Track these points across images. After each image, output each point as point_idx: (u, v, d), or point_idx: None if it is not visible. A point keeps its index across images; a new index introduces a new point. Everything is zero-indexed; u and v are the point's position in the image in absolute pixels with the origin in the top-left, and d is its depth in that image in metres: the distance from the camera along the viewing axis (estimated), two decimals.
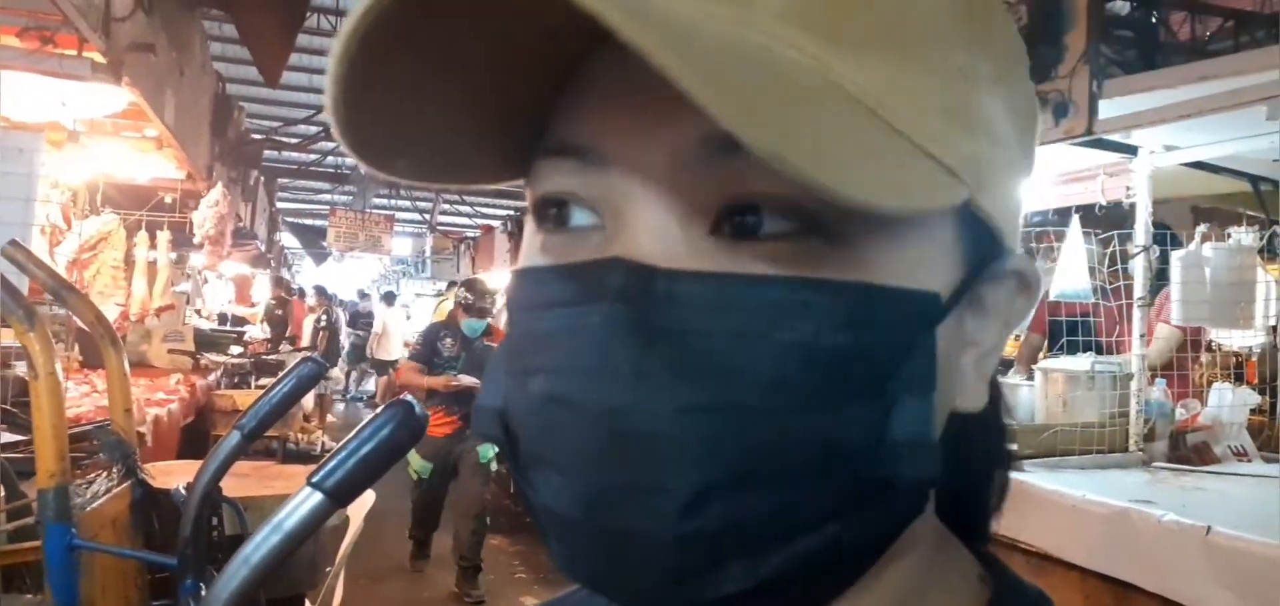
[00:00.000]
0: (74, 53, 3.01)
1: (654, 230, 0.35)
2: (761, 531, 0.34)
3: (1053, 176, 4.25)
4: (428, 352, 5.39)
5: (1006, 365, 5.27)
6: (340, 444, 0.66)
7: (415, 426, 0.65)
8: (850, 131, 0.33)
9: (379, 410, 0.67)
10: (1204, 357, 4.33)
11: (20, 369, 3.10)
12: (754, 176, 0.34)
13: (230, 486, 1.80)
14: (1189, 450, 3.62)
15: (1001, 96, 0.39)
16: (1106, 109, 3.21)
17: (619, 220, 0.36)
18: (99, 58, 3.01)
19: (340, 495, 0.66)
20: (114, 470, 1.88)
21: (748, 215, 0.35)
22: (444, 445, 5.24)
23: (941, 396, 0.37)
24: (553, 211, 0.39)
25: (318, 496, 0.67)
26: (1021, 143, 0.42)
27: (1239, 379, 4.24)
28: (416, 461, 5.28)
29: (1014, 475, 0.47)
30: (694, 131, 0.34)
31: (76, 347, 4.85)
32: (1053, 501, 3.14)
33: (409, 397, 0.68)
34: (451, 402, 5.23)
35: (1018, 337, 5.41)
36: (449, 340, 5.43)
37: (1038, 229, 4.41)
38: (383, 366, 13.99)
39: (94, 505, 1.68)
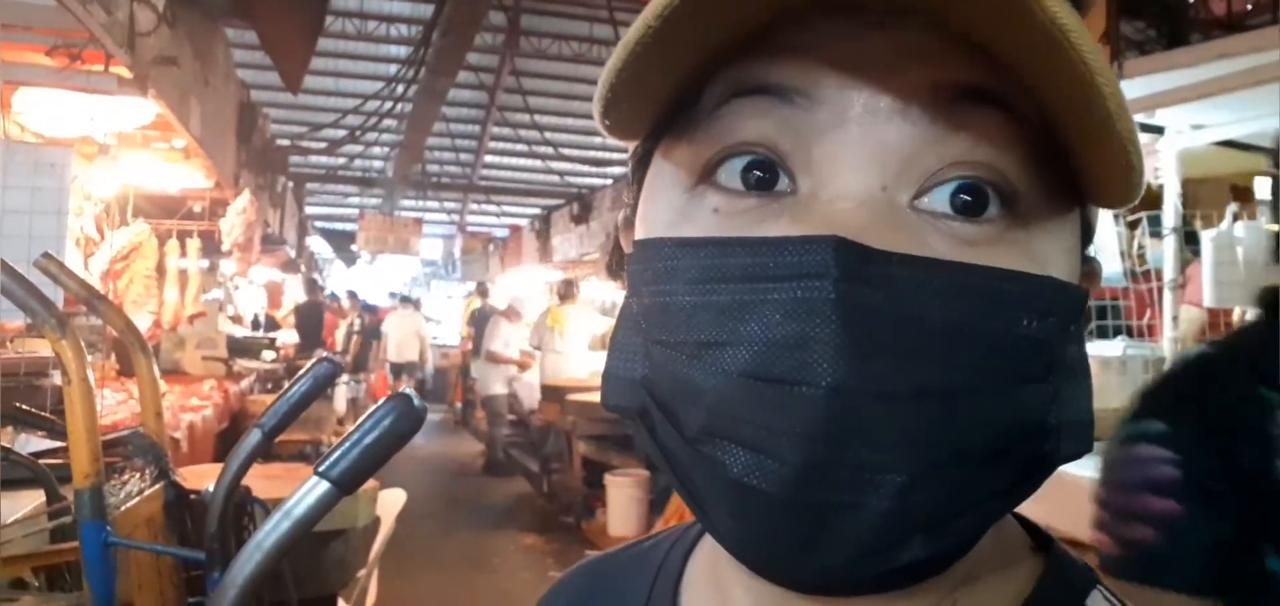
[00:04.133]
0: (101, 69, 3.08)
1: (857, 197, 0.36)
2: (949, 507, 0.36)
3: None
4: None
5: None
6: (344, 436, 0.69)
7: (415, 416, 0.67)
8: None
9: (380, 402, 0.69)
10: None
11: (55, 378, 3.17)
12: (983, 144, 0.35)
13: (264, 488, 1.84)
14: None
15: None
16: (1129, 89, 3.18)
17: (817, 178, 0.37)
18: (125, 72, 3.07)
19: (345, 483, 0.69)
20: (147, 472, 1.93)
21: (961, 191, 0.36)
22: None
23: None
24: (732, 168, 0.38)
25: (325, 484, 0.70)
26: None
27: None
28: None
29: None
30: (928, 79, 0.35)
31: (112, 356, 4.95)
32: (1085, 488, 3.11)
33: (408, 390, 0.71)
34: None
35: None
36: None
37: None
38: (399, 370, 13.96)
39: (128, 505, 1.73)
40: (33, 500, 2.17)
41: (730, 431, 0.36)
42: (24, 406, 2.41)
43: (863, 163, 0.36)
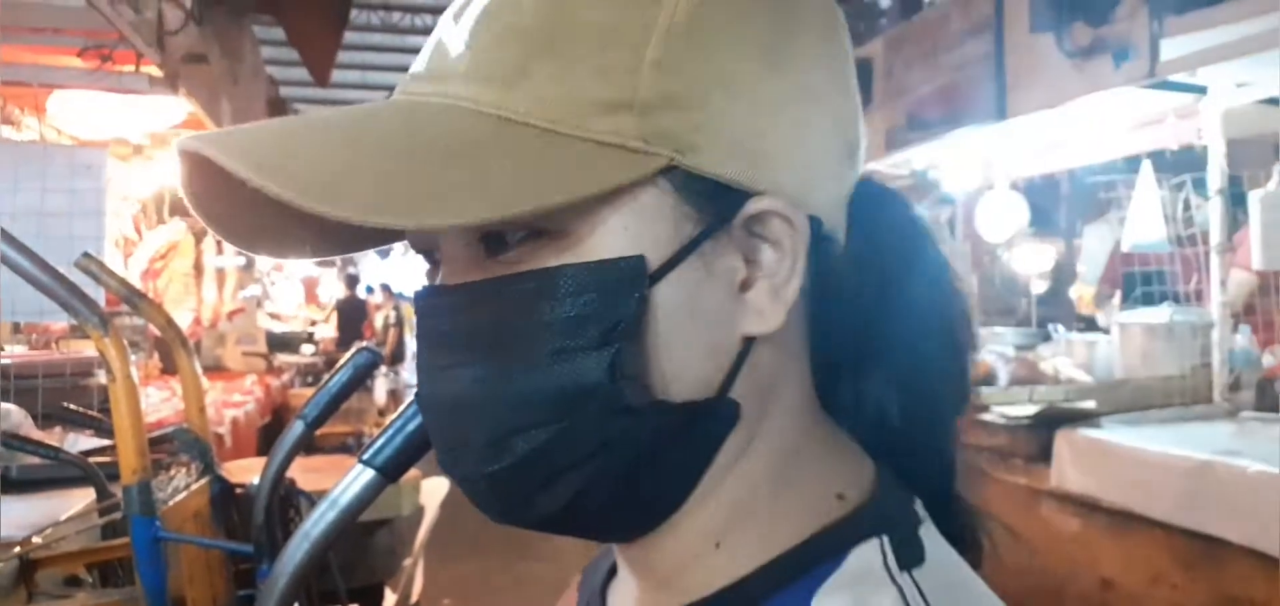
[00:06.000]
0: (132, 68, 3.10)
1: (452, 258, 0.48)
2: (549, 463, 0.45)
3: (1119, 123, 4.12)
4: None
5: (1088, 322, 5.14)
6: (387, 423, 0.68)
7: None
8: (508, 158, 0.43)
9: None
10: None
11: (100, 378, 3.22)
12: None
13: (307, 480, 1.85)
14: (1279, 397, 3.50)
15: (689, 70, 0.45)
16: (1169, 49, 3.11)
17: (443, 254, 0.49)
18: (155, 71, 3.10)
19: (390, 470, 0.68)
20: (193, 467, 1.94)
21: (495, 236, 0.46)
22: None
23: (714, 329, 0.46)
24: (427, 256, 0.52)
25: (370, 472, 0.69)
26: (760, 94, 0.46)
27: None
28: None
29: (1093, 432, 0.48)
30: None
31: (154, 355, 5.01)
32: (1133, 456, 3.07)
33: None
34: None
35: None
36: None
37: (1104, 180, 4.29)
38: None
39: (176, 500, 1.74)
40: (83, 498, 2.19)
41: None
42: (71, 406, 2.45)
43: (451, 242, 0.48)
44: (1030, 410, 3.63)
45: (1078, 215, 5.94)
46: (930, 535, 0.49)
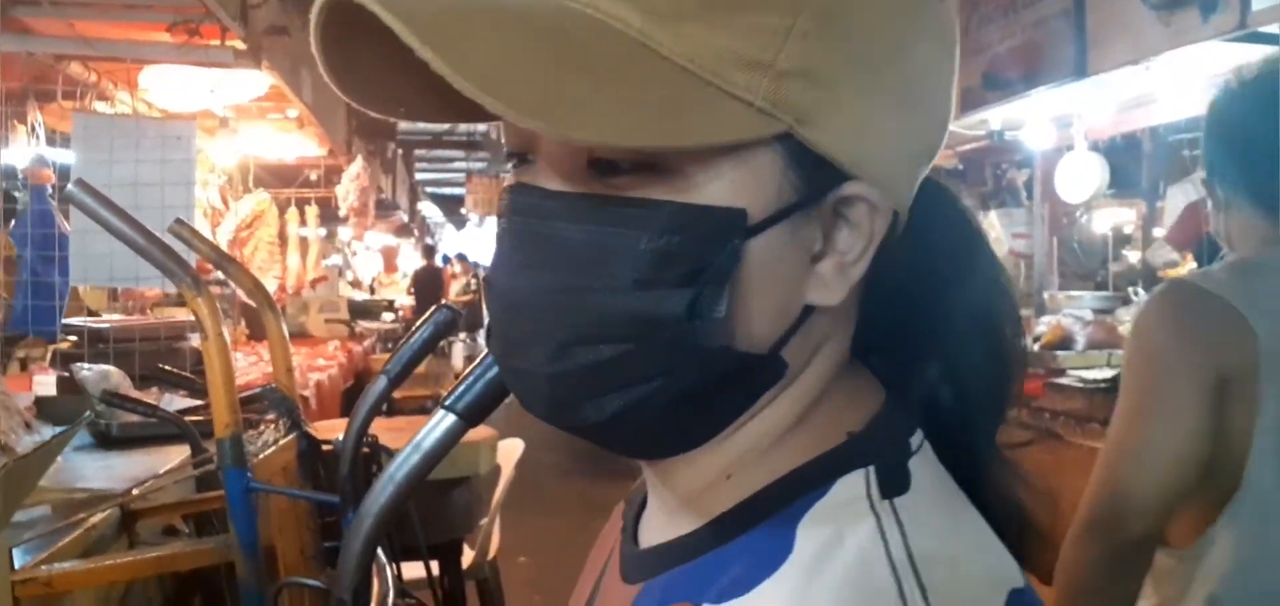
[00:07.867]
0: (217, 42, 3.21)
1: (553, 165, 0.49)
2: (608, 377, 0.48)
3: (1204, 79, 3.97)
4: None
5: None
6: (468, 371, 0.71)
7: None
8: (646, 87, 0.44)
9: None
10: None
11: (193, 341, 3.36)
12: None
13: (387, 439, 1.91)
14: None
15: (828, 47, 0.46)
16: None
17: (539, 158, 0.50)
18: (240, 45, 3.20)
19: (471, 415, 0.71)
20: (281, 424, 2.03)
21: (605, 160, 0.46)
22: None
23: (786, 292, 0.49)
24: (515, 158, 0.53)
25: (451, 418, 0.72)
26: (877, 88, 0.48)
27: None
28: None
29: None
30: None
31: (242, 321, 5.19)
32: None
33: None
34: None
35: None
36: None
37: (1188, 137, 4.14)
38: None
39: (265, 454, 1.82)
40: (179, 454, 2.31)
41: (489, 323, 0.53)
42: (166, 367, 2.57)
43: (554, 151, 0.49)
44: (1108, 374, 3.55)
45: (1160, 175, 5.74)
46: (924, 465, 0.51)
